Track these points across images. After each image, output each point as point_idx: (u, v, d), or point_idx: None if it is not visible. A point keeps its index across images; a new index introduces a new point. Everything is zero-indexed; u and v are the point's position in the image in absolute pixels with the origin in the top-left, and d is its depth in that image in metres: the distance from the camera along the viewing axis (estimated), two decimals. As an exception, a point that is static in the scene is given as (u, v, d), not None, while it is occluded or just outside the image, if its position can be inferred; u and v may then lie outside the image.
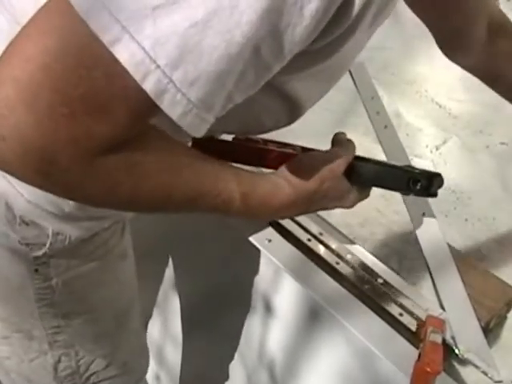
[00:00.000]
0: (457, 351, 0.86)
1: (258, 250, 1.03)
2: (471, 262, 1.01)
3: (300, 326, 1.04)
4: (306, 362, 1.06)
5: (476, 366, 0.85)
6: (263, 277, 1.07)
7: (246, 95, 0.62)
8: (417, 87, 1.47)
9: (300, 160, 0.81)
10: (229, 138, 0.90)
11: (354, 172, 0.84)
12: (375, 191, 1.14)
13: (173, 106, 0.54)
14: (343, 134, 0.87)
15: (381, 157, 1.23)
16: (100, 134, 0.55)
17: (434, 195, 0.86)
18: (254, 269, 1.09)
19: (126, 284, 1.05)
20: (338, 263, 0.99)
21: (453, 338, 0.87)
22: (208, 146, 0.74)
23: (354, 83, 1.46)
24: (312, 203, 0.81)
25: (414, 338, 0.88)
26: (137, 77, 0.52)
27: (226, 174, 0.71)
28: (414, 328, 0.90)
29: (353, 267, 0.99)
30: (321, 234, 1.03)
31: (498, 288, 0.96)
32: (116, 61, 0.52)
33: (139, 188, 0.63)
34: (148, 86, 0.53)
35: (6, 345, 0.98)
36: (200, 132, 0.59)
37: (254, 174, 0.78)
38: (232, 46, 0.53)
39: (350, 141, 0.86)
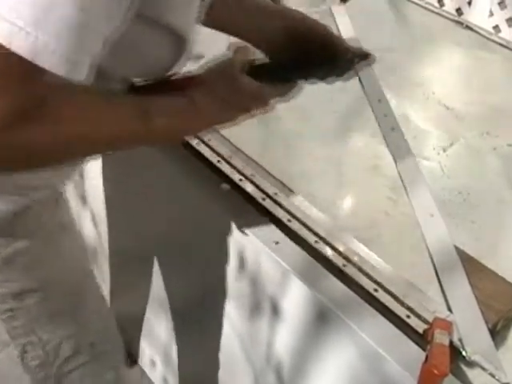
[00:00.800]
0: (464, 353, 0.86)
1: (266, 252, 1.03)
2: (478, 263, 1.01)
3: (307, 327, 1.04)
4: (313, 363, 1.06)
5: (483, 368, 0.85)
6: (270, 279, 1.08)
7: (116, 29, 0.65)
8: (424, 89, 1.47)
9: (204, 77, 0.83)
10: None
11: (258, 72, 0.84)
12: (381, 193, 1.15)
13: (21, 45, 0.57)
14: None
15: (388, 159, 1.23)
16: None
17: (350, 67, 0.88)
18: (261, 270, 1.09)
19: (73, 260, 1.05)
20: (345, 265, 0.99)
21: (460, 340, 0.87)
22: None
23: (362, 86, 1.46)
24: (227, 106, 0.83)
25: (421, 340, 0.88)
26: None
27: (130, 107, 0.74)
28: (421, 330, 0.90)
29: (360, 269, 0.99)
30: (328, 235, 1.03)
31: (505, 290, 0.96)
32: None
33: (58, 141, 0.66)
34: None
35: None
36: (80, 75, 0.62)
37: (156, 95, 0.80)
38: None
39: (243, 45, 0.87)
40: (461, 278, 0.97)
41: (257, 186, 1.12)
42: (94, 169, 1.47)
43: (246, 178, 1.14)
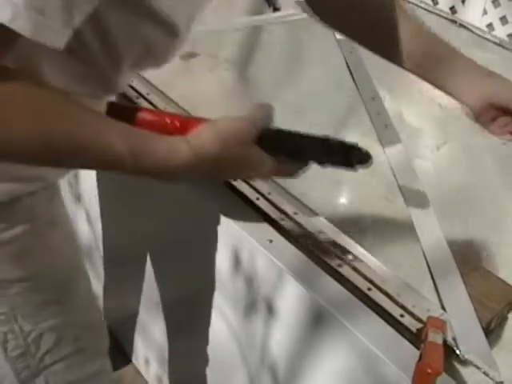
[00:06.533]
0: (458, 352, 0.86)
1: (260, 251, 1.03)
2: (472, 262, 1.01)
3: (301, 326, 1.04)
4: (307, 362, 1.06)
5: (477, 367, 0.85)
6: (264, 277, 1.07)
7: (91, 2, 0.64)
8: (417, 87, 1.46)
9: (206, 126, 0.77)
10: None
11: (267, 141, 0.79)
12: (376, 193, 1.15)
13: None
14: (267, 103, 0.82)
15: (382, 157, 1.23)
16: None
17: (351, 166, 0.82)
18: (256, 269, 1.09)
19: (61, 255, 1.05)
20: (339, 265, 0.99)
21: (454, 338, 0.87)
22: (118, 114, 0.74)
23: (355, 83, 1.46)
24: (220, 169, 0.79)
25: (415, 338, 0.88)
26: None
27: (111, 129, 0.71)
28: (415, 329, 0.90)
29: (354, 268, 0.99)
30: (322, 235, 1.03)
31: (498, 288, 0.96)
32: None
33: (7, 131, 0.64)
34: None
35: None
36: (54, 41, 0.62)
37: (149, 133, 0.75)
38: None
39: (266, 108, 0.81)
40: (455, 277, 0.97)
41: (251, 186, 1.12)
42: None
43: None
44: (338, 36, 1.61)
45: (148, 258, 1.47)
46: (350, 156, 0.81)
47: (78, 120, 0.68)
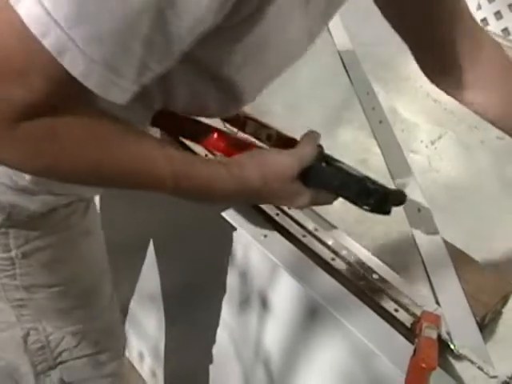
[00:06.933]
0: (452, 347, 0.86)
1: (254, 245, 1.03)
2: (466, 257, 1.01)
3: (295, 321, 1.04)
4: (301, 356, 1.06)
5: (471, 362, 0.85)
6: (259, 272, 1.07)
7: (165, 64, 0.63)
8: (412, 82, 1.47)
9: (251, 155, 0.79)
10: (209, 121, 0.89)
11: (308, 175, 0.81)
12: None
13: (74, 64, 0.56)
14: (314, 133, 0.84)
15: (376, 152, 1.23)
16: (18, 98, 0.57)
17: (387, 213, 0.83)
18: (250, 263, 1.09)
19: (92, 262, 1.06)
20: (333, 259, 0.99)
21: (448, 333, 0.87)
22: (171, 123, 0.75)
23: (349, 79, 1.46)
24: (257, 198, 0.82)
25: (410, 333, 0.88)
26: (37, 33, 0.54)
27: (157, 153, 0.71)
28: (409, 324, 0.90)
29: (348, 263, 0.99)
30: (316, 229, 1.03)
31: (493, 283, 0.96)
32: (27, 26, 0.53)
33: (62, 158, 0.64)
34: (48, 42, 0.54)
35: None
36: (119, 98, 0.61)
37: (194, 157, 0.77)
38: (129, 7, 0.55)
39: (313, 144, 0.82)
40: (449, 272, 0.97)
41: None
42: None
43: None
44: (333, 31, 1.61)
45: (141, 252, 1.47)
46: (386, 204, 0.82)
47: (128, 148, 0.69)
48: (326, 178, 0.83)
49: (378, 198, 0.81)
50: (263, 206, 1.07)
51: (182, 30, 0.60)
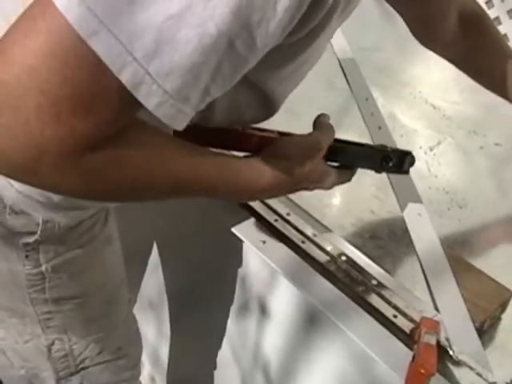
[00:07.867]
0: (451, 353, 0.86)
1: (253, 252, 1.03)
2: (465, 263, 1.01)
3: (294, 326, 1.04)
4: (300, 362, 1.06)
5: (470, 368, 0.85)
6: (258, 278, 1.07)
7: (223, 89, 0.63)
8: (411, 88, 1.47)
9: (282, 144, 0.80)
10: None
11: (332, 154, 0.84)
12: (368, 192, 1.15)
13: (149, 97, 0.55)
14: (325, 116, 0.86)
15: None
16: (85, 132, 0.56)
17: (406, 172, 0.91)
18: (249, 269, 1.09)
19: (113, 269, 1.07)
20: (332, 265, 0.99)
21: (447, 339, 0.87)
22: (192, 134, 0.75)
23: (348, 84, 1.46)
24: (294, 185, 0.82)
25: (409, 339, 0.88)
26: (114, 69, 0.53)
27: (207, 163, 0.72)
28: (408, 330, 0.90)
29: (346, 269, 0.99)
30: (314, 235, 1.03)
31: (492, 289, 0.96)
32: (100, 61, 0.52)
33: (122, 181, 0.64)
34: (125, 77, 0.53)
35: (0, 328, 1.00)
36: (180, 124, 0.60)
37: (237, 160, 0.78)
38: (205, 38, 0.54)
39: (330, 125, 0.85)
40: (448, 278, 0.97)
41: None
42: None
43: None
44: (332, 39, 1.61)
45: (141, 258, 1.47)
46: (404, 164, 0.90)
47: (181, 161, 0.69)
48: (351, 155, 0.88)
49: (397, 162, 0.89)
50: (262, 212, 1.07)
51: (249, 57, 0.60)
